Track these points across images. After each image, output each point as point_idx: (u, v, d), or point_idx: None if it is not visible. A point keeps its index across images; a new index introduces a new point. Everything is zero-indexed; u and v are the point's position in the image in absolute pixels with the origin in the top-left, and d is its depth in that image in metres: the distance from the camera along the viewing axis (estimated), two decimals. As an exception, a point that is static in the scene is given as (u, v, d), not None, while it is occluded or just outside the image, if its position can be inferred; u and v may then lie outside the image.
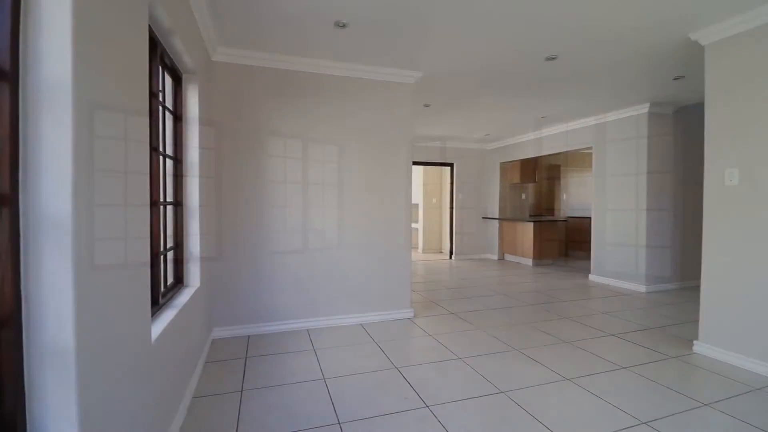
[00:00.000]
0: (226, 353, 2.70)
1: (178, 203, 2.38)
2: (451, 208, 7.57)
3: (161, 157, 2.04)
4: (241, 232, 3.08)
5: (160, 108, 2.05)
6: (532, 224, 6.55)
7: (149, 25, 1.58)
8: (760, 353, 2.37)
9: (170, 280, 2.32)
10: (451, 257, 7.54)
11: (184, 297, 2.16)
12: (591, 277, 5.36)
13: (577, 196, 8.39)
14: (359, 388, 2.19)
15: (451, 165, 7.54)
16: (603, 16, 2.47)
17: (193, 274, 2.47)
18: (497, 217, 7.39)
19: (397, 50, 3.00)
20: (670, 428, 1.79)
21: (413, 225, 8.60)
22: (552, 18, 2.49)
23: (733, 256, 2.51)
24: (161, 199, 2.05)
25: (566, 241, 7.96)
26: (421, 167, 8.17)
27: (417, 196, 8.37)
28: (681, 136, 4.81)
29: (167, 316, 1.79)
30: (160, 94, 2.03)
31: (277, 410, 1.95)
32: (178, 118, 2.40)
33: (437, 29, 2.66)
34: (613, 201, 5.07)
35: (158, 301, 1.85)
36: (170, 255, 2.32)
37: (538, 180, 7.80)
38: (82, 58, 0.90)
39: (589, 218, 5.56)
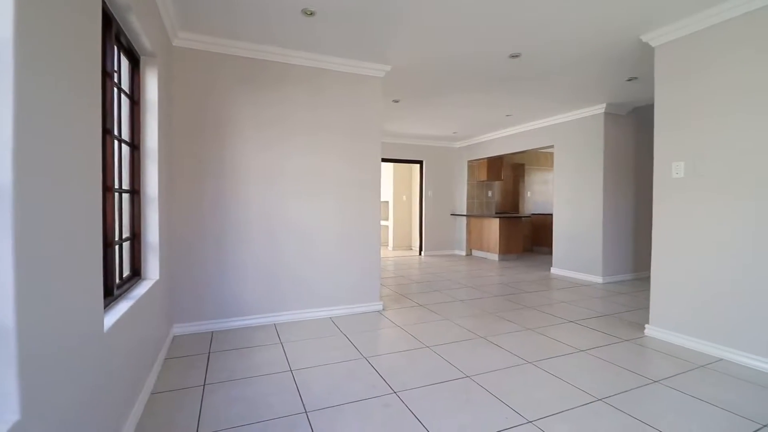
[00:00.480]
0: (188, 349, 2.60)
1: (135, 191, 2.27)
2: (421, 205, 7.66)
3: (116, 141, 1.94)
4: (204, 224, 2.98)
5: (115, 90, 1.95)
6: (498, 220, 6.74)
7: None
8: (704, 334, 2.55)
9: (127, 272, 2.22)
10: (420, 253, 7.63)
11: (141, 289, 2.06)
12: (552, 270, 5.59)
13: (540, 194, 8.72)
14: (327, 378, 2.17)
15: (420, 162, 7.63)
16: (560, 15, 2.57)
17: (152, 266, 2.37)
18: (465, 213, 7.55)
19: (367, 42, 3.00)
20: (624, 403, 1.89)
21: (384, 222, 8.66)
22: (514, 14, 2.58)
23: (678, 244, 2.69)
24: (116, 186, 1.95)
25: (530, 237, 8.26)
26: (391, 165, 8.21)
27: (387, 193, 8.41)
28: (634, 135, 5.10)
29: (122, 307, 1.70)
30: (115, 75, 1.93)
31: (240, 402, 1.90)
32: (135, 102, 2.28)
33: (405, 20, 2.68)
34: (572, 198, 5.31)
35: (113, 292, 1.76)
36: (128, 246, 2.21)
37: (503, 178, 8.03)
38: (25, 22, 0.84)
39: (551, 215, 5.79)
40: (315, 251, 3.33)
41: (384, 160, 7.25)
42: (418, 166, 7.80)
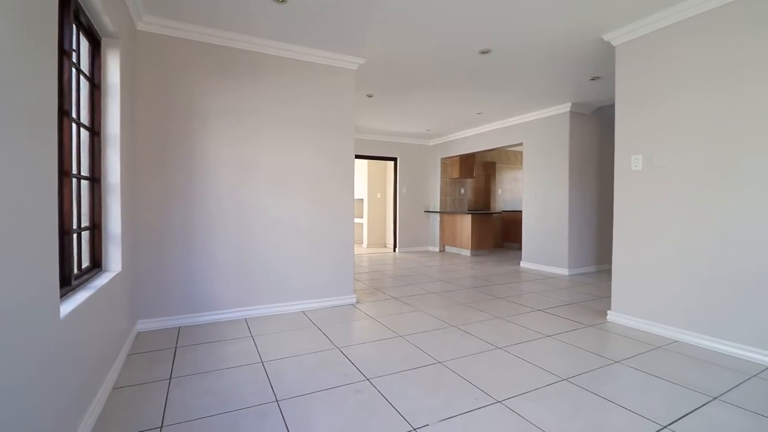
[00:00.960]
0: (154, 345, 2.50)
1: (95, 179, 2.17)
2: (395, 202, 7.70)
3: (74, 125, 1.85)
4: (171, 216, 2.88)
5: (74, 70, 1.86)
6: (470, 217, 6.87)
7: (58, -31, 1.42)
8: (661, 318, 2.70)
9: (87, 264, 2.11)
10: (394, 250, 7.66)
11: (101, 281, 1.97)
12: (522, 263, 5.75)
13: (510, 191, 8.96)
14: (299, 369, 2.15)
15: (394, 159, 7.67)
16: (526, 10, 2.66)
17: (113, 258, 2.27)
18: (438, 210, 7.65)
19: (339, 33, 2.99)
20: (587, 382, 1.98)
21: (359, 220, 8.65)
22: (483, 9, 2.64)
23: (637, 233, 2.84)
24: (74, 171, 1.86)
25: (501, 233, 8.48)
26: (366, 163, 8.22)
27: (362, 191, 8.40)
28: (598, 134, 5.33)
29: (80, 297, 1.62)
30: (74, 54, 1.84)
31: (209, 394, 1.85)
32: (95, 86, 2.18)
33: (377, 11, 2.69)
34: (540, 194, 5.49)
35: (70, 281, 1.67)
36: (87, 237, 2.11)
37: (475, 176, 8.20)
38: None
39: (521, 212, 5.96)
40: (287, 244, 3.29)
41: (359, 156, 7.25)
42: (392, 163, 7.85)
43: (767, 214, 2.19)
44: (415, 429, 1.57)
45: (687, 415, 1.68)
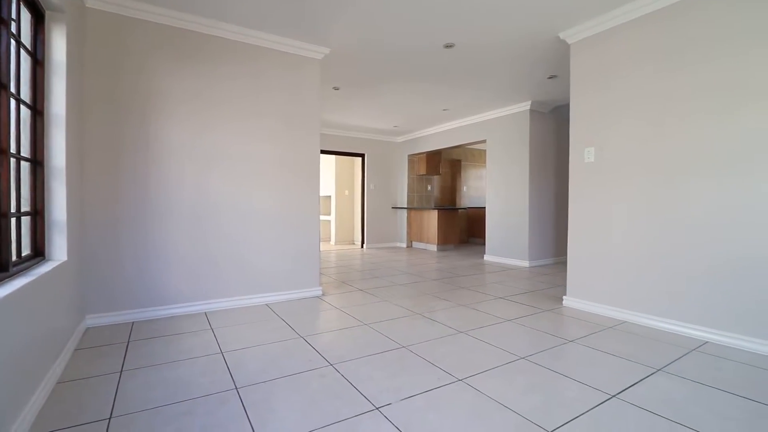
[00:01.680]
0: (104, 339, 2.37)
1: (37, 162, 2.02)
2: (363, 198, 7.70)
3: (13, 101, 1.72)
4: (126, 205, 2.73)
5: (14, 42, 1.73)
6: (436, 212, 6.99)
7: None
8: (611, 300, 2.86)
9: (29, 252, 1.97)
10: (362, 246, 7.66)
11: (43, 269, 1.84)
12: (486, 257, 5.92)
13: (475, 189, 9.19)
14: (261, 357, 2.10)
15: (362, 155, 7.67)
16: (488, 6, 2.74)
17: (58, 246, 2.12)
18: (406, 206, 7.72)
19: (305, 19, 2.95)
20: (543, 359, 2.07)
21: (326, 217, 8.57)
22: (447, 1, 2.70)
23: (589, 222, 3.00)
24: (12, 150, 1.72)
25: (467, 229, 8.68)
26: (334, 160, 8.16)
27: (329, 188, 8.34)
28: (556, 132, 5.58)
29: (18, 283, 1.50)
30: (14, 25, 1.71)
31: (163, 385, 1.77)
32: (38, 62, 2.04)
33: None
34: (502, 189, 5.67)
35: (8, 267, 1.56)
36: (30, 223, 1.96)
37: (442, 173, 8.35)
38: None
39: (485, 208, 6.12)
40: (250, 235, 3.21)
41: (327, 152, 7.19)
42: (360, 160, 7.84)
43: (701, 205, 2.38)
44: (377, 407, 1.58)
45: (633, 385, 1.79)
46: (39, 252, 2.05)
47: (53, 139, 2.10)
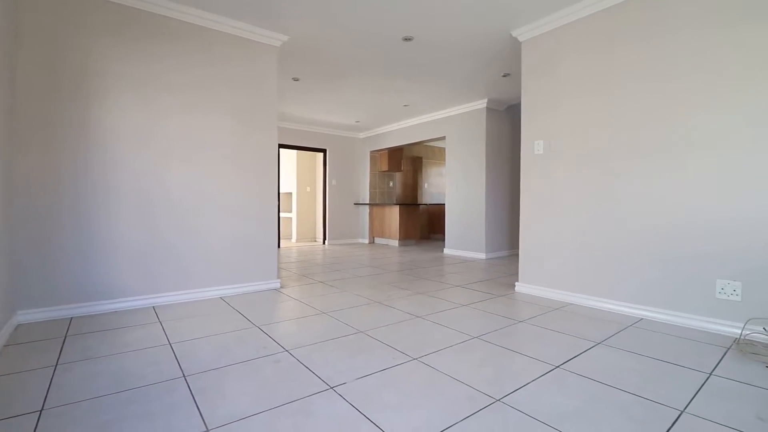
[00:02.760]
0: (37, 335, 2.19)
1: (-45, 140, 1.84)
2: (325, 194, 7.63)
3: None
4: (62, 194, 2.54)
5: None
6: (398, 208, 7.06)
7: None
8: (558, 284, 3.02)
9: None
10: (324, 242, 7.58)
11: (-36, 255, 1.67)
12: (445, 250, 6.06)
13: (435, 186, 9.38)
14: (213, 347, 2.03)
15: (324, 151, 7.60)
16: (441, 2, 2.81)
17: (-18, 233, 1.94)
18: (368, 203, 7.74)
19: (262, 2, 2.88)
20: (495, 338, 2.15)
21: (287, 214, 8.40)
22: (405, -6, 2.74)
23: (538, 211, 3.15)
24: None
25: (427, 225, 8.83)
26: (295, 157, 8.02)
27: (291, 184, 8.18)
28: (510, 130, 5.81)
29: (-68, 267, 1.36)
30: None
31: (103, 377, 1.67)
32: (-45, 30, 1.85)
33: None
34: (460, 185, 5.83)
35: None
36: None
37: (403, 170, 8.45)
38: None
39: (445, 205, 6.27)
40: (202, 227, 3.09)
41: (288, 146, 7.05)
42: (322, 156, 7.75)
43: (635, 197, 2.58)
44: (332, 387, 1.57)
45: (576, 356, 1.90)
46: (-42, 239, 1.86)
47: (-25, 116, 1.91)
